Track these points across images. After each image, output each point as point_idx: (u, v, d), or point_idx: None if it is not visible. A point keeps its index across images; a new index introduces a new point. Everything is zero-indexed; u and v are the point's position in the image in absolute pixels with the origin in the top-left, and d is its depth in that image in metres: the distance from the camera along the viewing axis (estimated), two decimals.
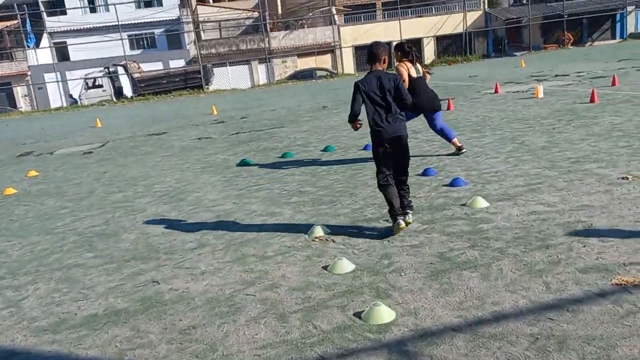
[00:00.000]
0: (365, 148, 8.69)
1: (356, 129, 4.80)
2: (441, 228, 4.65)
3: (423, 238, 4.47)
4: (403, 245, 4.37)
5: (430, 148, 8.17)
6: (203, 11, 44.92)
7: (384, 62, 4.75)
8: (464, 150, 7.54)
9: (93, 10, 44.55)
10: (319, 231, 4.89)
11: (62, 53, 45.64)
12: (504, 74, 21.08)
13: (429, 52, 43.50)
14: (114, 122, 19.10)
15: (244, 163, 8.71)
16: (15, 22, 42.46)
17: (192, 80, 32.43)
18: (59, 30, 43.31)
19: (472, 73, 23.51)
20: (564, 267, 3.58)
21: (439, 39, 43.75)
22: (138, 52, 45.03)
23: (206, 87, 33.85)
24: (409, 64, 7.23)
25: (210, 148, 10.80)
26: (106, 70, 34.74)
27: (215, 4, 45.95)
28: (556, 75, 17.47)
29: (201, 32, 43.76)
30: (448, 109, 12.10)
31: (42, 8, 42.82)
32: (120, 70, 33.70)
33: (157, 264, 4.55)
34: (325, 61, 42.13)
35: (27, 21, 42.57)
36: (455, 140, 7.57)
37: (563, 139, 7.65)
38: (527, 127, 8.87)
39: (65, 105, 39.14)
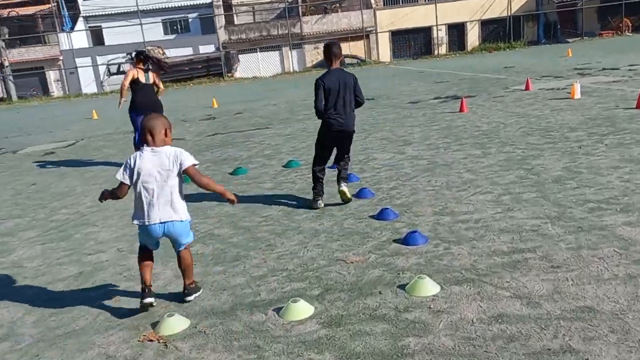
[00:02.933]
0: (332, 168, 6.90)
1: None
2: (346, 339, 2.87)
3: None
4: None
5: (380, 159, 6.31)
6: None
7: (340, 60, 5.17)
8: None
9: None
10: (167, 326, 3.20)
11: (97, 37, 45.31)
12: (544, 65, 18.60)
13: (472, 37, 40.55)
14: (112, 114, 17.85)
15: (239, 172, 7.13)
16: (49, 6, 42.14)
17: (215, 67, 30.97)
18: (94, 14, 42.82)
19: (509, 63, 21.04)
20: None
21: (484, 24, 40.75)
22: (172, 37, 44.10)
23: (229, 74, 32.37)
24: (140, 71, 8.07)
25: None
26: (129, 56, 33.74)
27: None
28: (603, 69, 14.99)
29: (234, 16, 42.35)
30: (460, 111, 10.10)
31: None
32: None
33: None
34: (359, 47, 39.97)
35: (63, 5, 42.24)
36: None
37: (587, 165, 5.65)
38: (546, 143, 6.86)
39: (97, 90, 38.62)
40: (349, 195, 5.25)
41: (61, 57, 40.63)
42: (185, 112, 15.88)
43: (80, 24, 44.85)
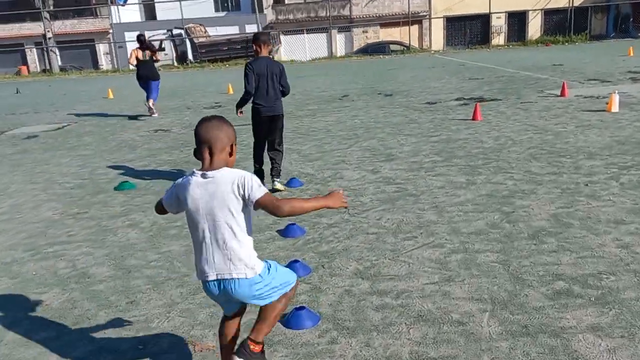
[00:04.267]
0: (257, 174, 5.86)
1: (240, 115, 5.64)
2: None
3: None
4: None
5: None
6: None
7: (269, 49, 5.50)
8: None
9: None
10: None
11: (150, 11, 45.42)
12: (598, 64, 16.63)
13: (534, 28, 37.83)
14: (129, 93, 17.31)
15: (123, 187, 6.22)
16: None
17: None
18: None
19: (560, 60, 19.02)
20: None
21: (548, 13, 37.94)
22: (222, 14, 43.61)
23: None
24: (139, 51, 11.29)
25: (139, 150, 8.39)
26: (169, 33, 33.43)
27: None
28: None
29: None
30: (473, 118, 8.76)
31: None
32: (184, 34, 32.08)
33: None
34: (411, 33, 38.11)
35: None
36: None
37: (584, 215, 4.36)
38: (548, 174, 5.54)
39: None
40: (283, 189, 5.61)
41: (111, 31, 40.91)
42: (196, 98, 15.10)
43: None
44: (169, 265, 4.02)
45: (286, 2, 41.07)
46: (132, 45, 41.75)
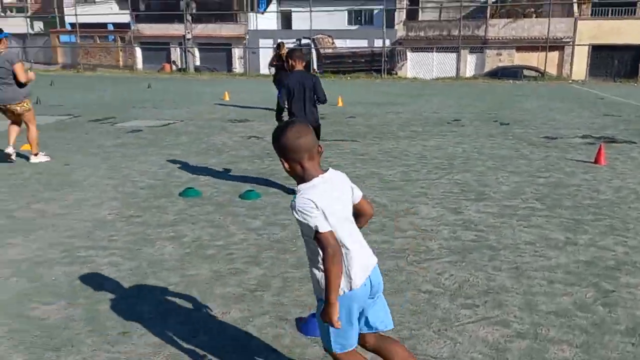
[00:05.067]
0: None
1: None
2: None
3: None
4: None
5: None
6: None
7: (304, 64, 6.05)
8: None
9: None
10: None
11: (287, 20, 46.90)
12: None
13: None
14: (245, 97, 17.61)
15: (187, 194, 5.98)
16: None
17: (378, 62, 29.57)
18: None
19: None
20: None
21: None
22: (354, 27, 43.87)
23: (393, 71, 30.76)
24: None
25: (224, 156, 8.18)
26: (298, 42, 34.02)
27: None
28: None
29: (419, 11, 40.55)
30: (595, 162, 7.51)
31: None
32: (311, 44, 32.45)
33: None
34: (550, 59, 35.46)
35: None
36: None
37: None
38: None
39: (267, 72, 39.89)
40: None
41: (247, 37, 42.73)
42: None
43: (272, 7, 46.85)
44: (183, 293, 3.58)
45: (419, 19, 40.32)
46: (265, 52, 43.33)
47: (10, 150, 7.43)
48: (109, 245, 4.49)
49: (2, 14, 56.81)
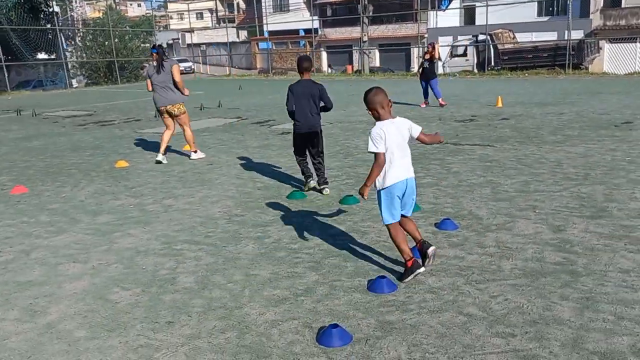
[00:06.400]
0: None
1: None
2: None
3: None
4: None
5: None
6: None
7: (310, 72, 6.29)
8: None
9: None
10: None
11: (470, 17, 45.40)
12: None
13: None
14: (407, 98, 17.47)
15: (292, 196, 6.33)
16: None
17: (562, 56, 26.94)
18: None
19: None
20: None
21: None
22: (545, 19, 40.77)
23: (582, 66, 27.78)
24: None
25: (349, 158, 8.38)
26: (474, 39, 32.58)
27: None
28: None
29: None
30: None
31: None
32: (488, 39, 30.80)
33: None
34: None
35: None
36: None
37: None
38: None
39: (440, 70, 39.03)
40: (328, 192, 6.40)
41: (426, 35, 42.29)
42: (459, 108, 14.39)
43: (455, 3, 45.62)
44: (237, 291, 3.89)
45: (623, 5, 35.86)
46: (442, 50, 42.48)
47: (160, 157, 8.61)
48: (203, 240, 5.02)
49: (217, 25, 64.50)
